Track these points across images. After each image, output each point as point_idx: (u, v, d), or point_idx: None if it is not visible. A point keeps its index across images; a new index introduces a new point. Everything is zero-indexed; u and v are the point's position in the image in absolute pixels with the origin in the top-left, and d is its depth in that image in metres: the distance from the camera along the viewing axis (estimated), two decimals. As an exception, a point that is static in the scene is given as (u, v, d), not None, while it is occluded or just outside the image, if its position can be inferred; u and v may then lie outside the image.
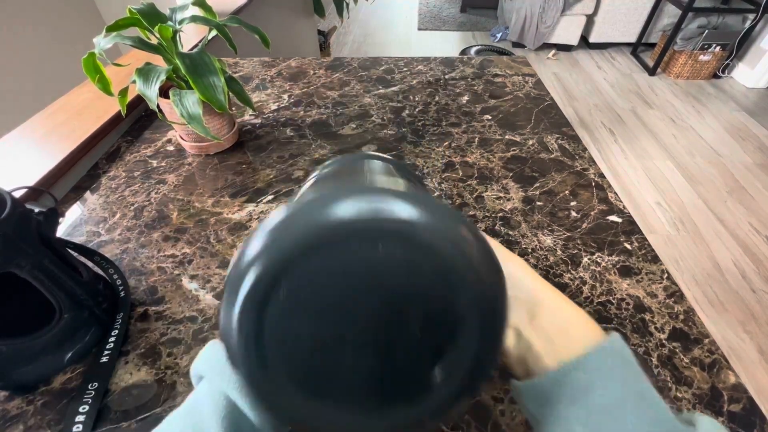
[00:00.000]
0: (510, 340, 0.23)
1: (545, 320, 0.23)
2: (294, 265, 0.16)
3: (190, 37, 1.09)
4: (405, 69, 1.03)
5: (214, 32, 0.66)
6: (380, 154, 0.33)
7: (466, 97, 0.92)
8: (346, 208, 0.16)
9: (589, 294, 0.51)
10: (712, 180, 2.06)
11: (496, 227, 0.60)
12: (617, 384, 0.20)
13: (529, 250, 0.56)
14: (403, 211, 0.17)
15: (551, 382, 0.21)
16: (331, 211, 0.17)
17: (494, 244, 0.25)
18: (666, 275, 0.53)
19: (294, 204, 0.18)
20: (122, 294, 0.49)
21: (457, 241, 0.17)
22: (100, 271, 0.50)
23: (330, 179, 0.29)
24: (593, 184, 0.68)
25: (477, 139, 0.78)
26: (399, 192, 0.18)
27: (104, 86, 0.62)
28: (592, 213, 0.62)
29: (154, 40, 0.62)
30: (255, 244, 0.17)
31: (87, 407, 0.39)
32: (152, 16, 0.61)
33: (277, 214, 0.17)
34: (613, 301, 0.50)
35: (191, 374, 0.26)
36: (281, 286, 0.17)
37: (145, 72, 0.59)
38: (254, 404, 0.22)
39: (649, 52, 3.23)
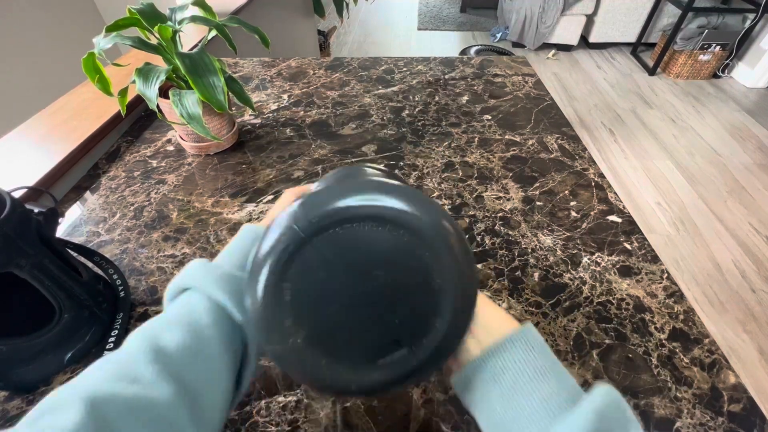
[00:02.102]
0: None
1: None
2: (317, 237, 0.23)
3: (190, 37, 1.09)
4: (405, 69, 1.03)
5: (213, 32, 0.66)
6: (375, 166, 0.39)
7: (466, 97, 0.91)
8: (361, 197, 0.23)
9: (589, 294, 0.51)
10: (712, 180, 2.06)
11: (496, 227, 0.60)
12: (525, 365, 0.24)
13: (529, 250, 0.56)
14: (401, 202, 0.23)
15: (474, 368, 0.25)
16: (350, 197, 0.23)
17: None
18: (666, 275, 0.53)
19: (315, 192, 0.24)
20: (122, 294, 0.49)
21: (439, 228, 0.23)
22: (100, 271, 0.50)
23: (342, 177, 0.35)
24: (593, 184, 0.68)
25: (477, 139, 0.78)
26: (398, 188, 0.24)
27: (104, 86, 0.62)
28: (592, 213, 0.62)
29: (153, 40, 0.62)
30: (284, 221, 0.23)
31: (87, 407, 0.39)
32: (152, 16, 0.61)
33: (306, 196, 0.24)
34: (613, 301, 0.50)
35: (169, 292, 0.28)
36: (306, 248, 0.23)
37: (145, 72, 0.59)
38: (260, 331, 0.24)
39: (649, 52, 3.23)
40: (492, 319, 0.27)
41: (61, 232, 0.59)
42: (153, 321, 0.25)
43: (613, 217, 0.61)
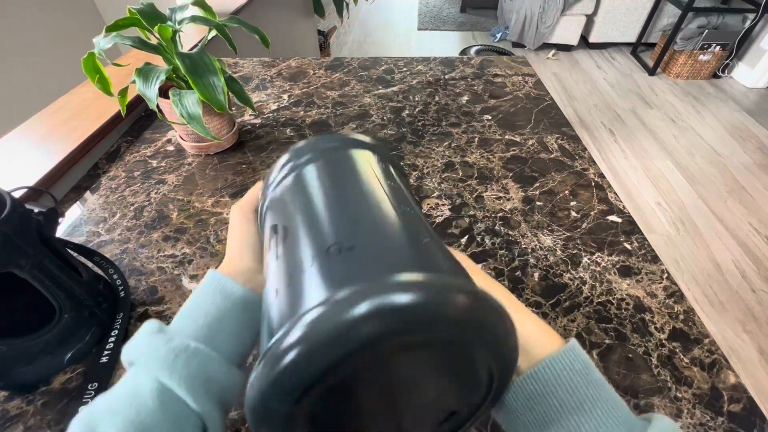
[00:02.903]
0: None
1: None
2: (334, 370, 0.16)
3: (190, 37, 1.09)
4: (405, 69, 1.03)
5: (214, 32, 0.66)
6: (362, 139, 0.31)
7: (466, 97, 0.91)
8: (376, 323, 0.15)
9: (589, 294, 0.51)
10: (712, 180, 2.06)
11: (496, 227, 0.60)
12: (565, 392, 0.21)
13: (529, 250, 0.56)
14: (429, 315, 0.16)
15: (511, 395, 0.22)
16: (366, 321, 0.15)
17: (478, 273, 0.26)
18: (666, 275, 0.53)
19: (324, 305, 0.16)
20: (122, 294, 0.49)
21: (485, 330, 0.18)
22: (100, 271, 0.50)
23: (320, 199, 0.25)
24: (593, 184, 0.68)
25: (477, 139, 0.78)
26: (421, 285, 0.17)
27: (104, 86, 0.62)
28: (592, 213, 0.62)
29: (153, 40, 0.62)
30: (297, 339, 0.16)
31: (87, 407, 0.39)
32: (152, 16, 0.61)
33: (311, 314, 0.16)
34: (613, 301, 0.50)
35: (122, 357, 0.25)
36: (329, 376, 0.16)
37: (145, 72, 0.59)
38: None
39: (649, 52, 3.23)
40: (532, 335, 0.23)
41: (61, 232, 0.59)
42: (98, 402, 0.23)
43: (613, 217, 0.61)
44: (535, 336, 0.23)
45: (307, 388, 0.16)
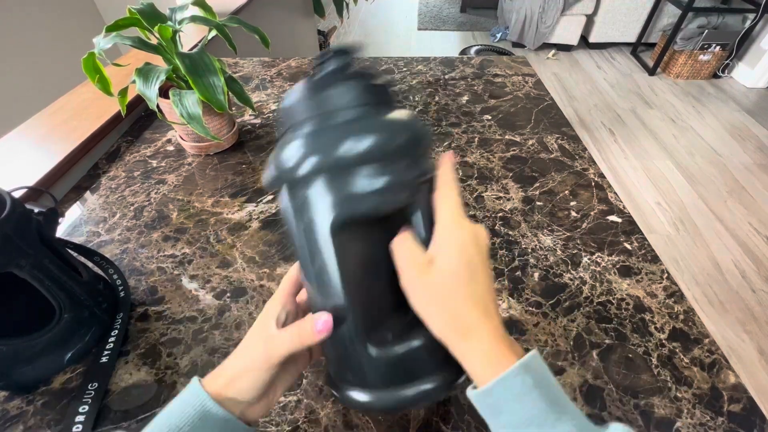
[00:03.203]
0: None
1: (474, 345, 0.25)
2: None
3: (190, 37, 1.09)
4: (405, 69, 1.03)
5: (214, 32, 0.66)
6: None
7: (466, 97, 0.92)
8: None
9: (589, 294, 0.51)
10: (712, 180, 2.06)
11: (496, 227, 0.60)
12: (518, 407, 0.23)
13: (529, 250, 0.56)
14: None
15: (476, 399, 0.24)
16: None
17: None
18: (666, 275, 0.53)
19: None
20: (122, 294, 0.49)
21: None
22: (100, 271, 0.50)
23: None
24: (593, 184, 0.68)
25: (477, 139, 0.78)
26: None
27: (104, 86, 0.62)
28: (592, 213, 0.62)
29: (153, 40, 0.62)
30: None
31: (87, 407, 0.39)
32: (152, 16, 0.61)
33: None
34: (613, 301, 0.50)
35: None
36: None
37: (145, 72, 0.59)
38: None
39: (649, 52, 3.23)
40: (493, 350, 0.25)
41: (61, 232, 0.59)
42: None
43: (613, 217, 0.61)
44: (489, 358, 0.24)
45: None
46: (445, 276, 0.25)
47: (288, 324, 0.28)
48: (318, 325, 0.26)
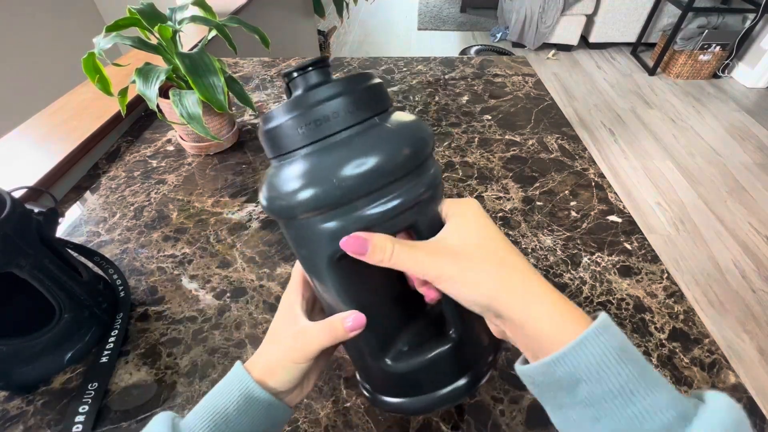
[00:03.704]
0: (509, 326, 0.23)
1: (537, 312, 0.22)
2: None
3: (190, 37, 1.09)
4: (405, 69, 1.03)
5: (214, 32, 0.66)
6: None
7: (466, 97, 0.92)
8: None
9: (589, 294, 0.51)
10: (712, 180, 2.06)
11: (496, 227, 0.60)
12: (603, 375, 0.19)
13: (529, 250, 0.56)
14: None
15: (542, 371, 0.21)
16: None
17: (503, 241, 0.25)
18: (666, 275, 0.53)
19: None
20: (122, 294, 0.49)
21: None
22: (100, 271, 0.50)
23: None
24: (593, 184, 0.68)
25: (477, 139, 0.78)
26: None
27: (104, 86, 0.62)
28: (592, 213, 0.62)
29: (153, 40, 0.62)
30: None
31: (87, 407, 0.39)
32: (152, 16, 0.61)
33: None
34: (613, 301, 0.50)
35: None
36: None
37: (145, 72, 0.59)
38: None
39: (649, 52, 3.23)
40: (557, 315, 0.21)
41: (61, 232, 0.59)
42: None
43: (613, 217, 0.61)
44: (557, 318, 0.21)
45: None
46: (477, 238, 0.24)
47: (310, 310, 0.30)
48: (348, 323, 0.26)
